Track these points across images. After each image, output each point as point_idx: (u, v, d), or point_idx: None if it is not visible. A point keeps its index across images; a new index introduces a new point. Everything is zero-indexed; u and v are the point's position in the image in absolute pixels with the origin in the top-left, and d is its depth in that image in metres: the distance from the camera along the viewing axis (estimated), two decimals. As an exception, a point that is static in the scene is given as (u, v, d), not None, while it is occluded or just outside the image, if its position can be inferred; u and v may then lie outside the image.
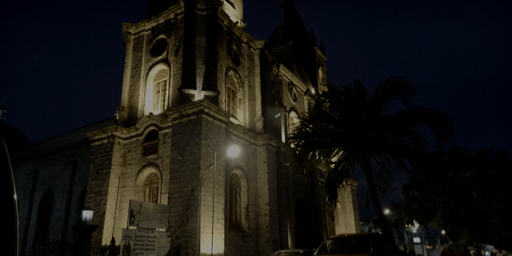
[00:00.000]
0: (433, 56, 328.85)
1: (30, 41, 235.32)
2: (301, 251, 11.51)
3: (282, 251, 14.14)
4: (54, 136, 38.05)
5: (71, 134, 35.59)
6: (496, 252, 34.24)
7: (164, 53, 28.21)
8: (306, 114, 9.35)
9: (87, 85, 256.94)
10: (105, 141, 27.24)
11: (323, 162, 9.44)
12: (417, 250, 71.97)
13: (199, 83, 25.74)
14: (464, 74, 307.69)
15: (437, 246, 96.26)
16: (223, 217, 23.17)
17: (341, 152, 9.24)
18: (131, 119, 27.88)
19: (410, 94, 8.33)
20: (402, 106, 8.35)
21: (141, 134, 26.57)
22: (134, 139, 26.96)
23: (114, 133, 26.87)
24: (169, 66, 27.45)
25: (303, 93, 41.09)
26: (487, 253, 51.50)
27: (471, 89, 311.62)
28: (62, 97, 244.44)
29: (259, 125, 30.76)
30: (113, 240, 18.19)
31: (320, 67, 47.55)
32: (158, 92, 28.16)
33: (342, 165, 8.34)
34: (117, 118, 28.20)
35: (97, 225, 21.05)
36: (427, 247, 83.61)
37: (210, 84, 26.08)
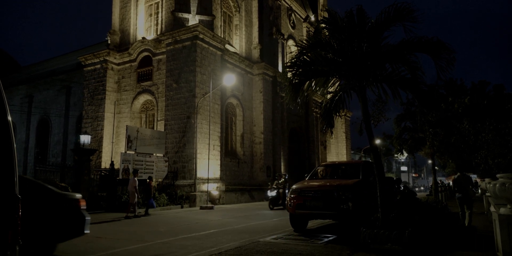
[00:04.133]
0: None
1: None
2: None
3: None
4: (46, 60, 37.17)
5: (63, 58, 34.71)
6: (478, 181, 36.09)
7: (156, -28, 26.33)
8: (304, 42, 9.05)
9: (79, 6, 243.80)
10: (98, 66, 26.71)
11: (319, 92, 9.40)
12: (404, 177, 76.01)
13: (193, 6, 24.46)
14: (461, 3, 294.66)
15: (422, 174, 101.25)
16: (219, 144, 23.78)
17: (337, 83, 9.14)
18: (124, 44, 27.01)
19: (414, 22, 7.96)
20: (401, 38, 8.07)
21: (134, 60, 25.98)
22: (127, 65, 26.43)
23: (107, 58, 26.24)
24: (162, -13, 25.81)
25: (303, 20, 39.42)
26: None
27: (468, 19, 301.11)
28: (52, 18, 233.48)
29: (255, 53, 30.01)
30: (112, 164, 18.86)
31: (322, -9, 44.95)
32: (151, 15, 26.86)
33: (339, 94, 8.32)
34: (109, 42, 27.29)
35: (95, 149, 21.58)
36: (413, 175, 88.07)
37: (205, 7, 24.81)
